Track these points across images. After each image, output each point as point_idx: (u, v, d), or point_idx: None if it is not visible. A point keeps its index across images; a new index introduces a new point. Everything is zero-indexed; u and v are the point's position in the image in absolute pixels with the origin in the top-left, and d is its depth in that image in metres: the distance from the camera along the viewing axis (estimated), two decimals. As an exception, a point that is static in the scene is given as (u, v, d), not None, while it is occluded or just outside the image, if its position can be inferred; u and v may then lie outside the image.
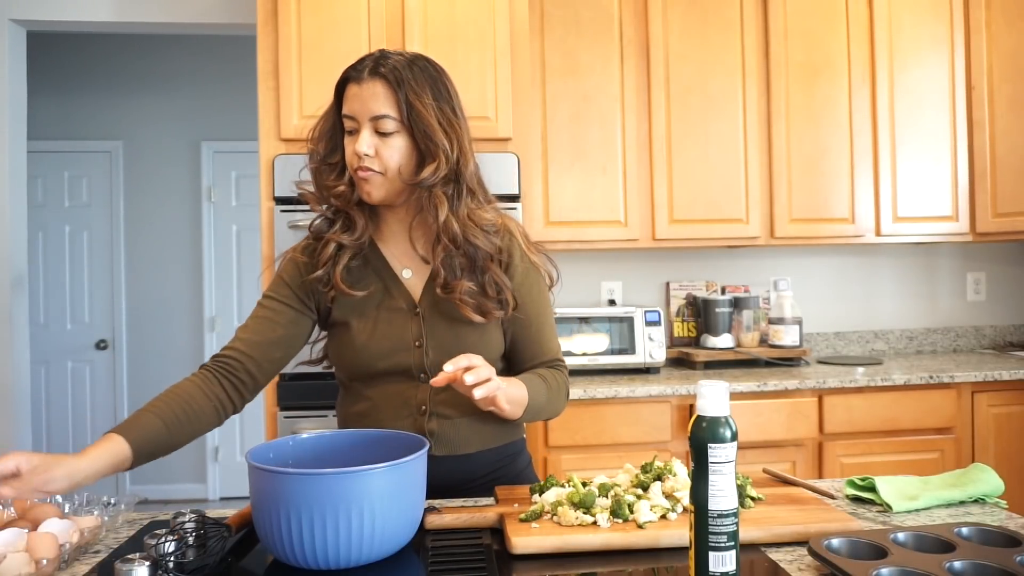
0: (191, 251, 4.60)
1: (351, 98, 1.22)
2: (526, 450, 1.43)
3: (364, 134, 1.20)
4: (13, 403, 3.07)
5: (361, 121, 1.21)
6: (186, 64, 4.59)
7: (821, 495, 1.19)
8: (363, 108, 1.20)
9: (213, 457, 4.55)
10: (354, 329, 1.27)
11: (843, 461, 2.54)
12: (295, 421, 2.27)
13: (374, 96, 1.19)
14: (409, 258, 1.31)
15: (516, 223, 1.35)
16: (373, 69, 1.20)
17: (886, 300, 3.26)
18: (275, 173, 2.33)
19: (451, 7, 2.42)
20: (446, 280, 1.24)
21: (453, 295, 1.23)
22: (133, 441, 1.09)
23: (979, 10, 2.93)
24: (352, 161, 1.22)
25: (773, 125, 2.85)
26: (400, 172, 1.22)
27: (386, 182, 1.23)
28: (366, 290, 1.28)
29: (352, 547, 0.91)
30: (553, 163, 2.74)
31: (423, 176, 1.21)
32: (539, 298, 1.34)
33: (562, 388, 1.34)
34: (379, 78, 1.20)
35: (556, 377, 1.32)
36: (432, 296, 1.27)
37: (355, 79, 1.21)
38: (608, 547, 0.98)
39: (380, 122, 1.20)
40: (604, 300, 3.08)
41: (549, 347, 1.34)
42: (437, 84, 1.24)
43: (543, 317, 1.34)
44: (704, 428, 0.80)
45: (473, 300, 1.24)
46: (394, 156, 1.21)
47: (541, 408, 1.28)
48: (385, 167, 1.21)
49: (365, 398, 1.30)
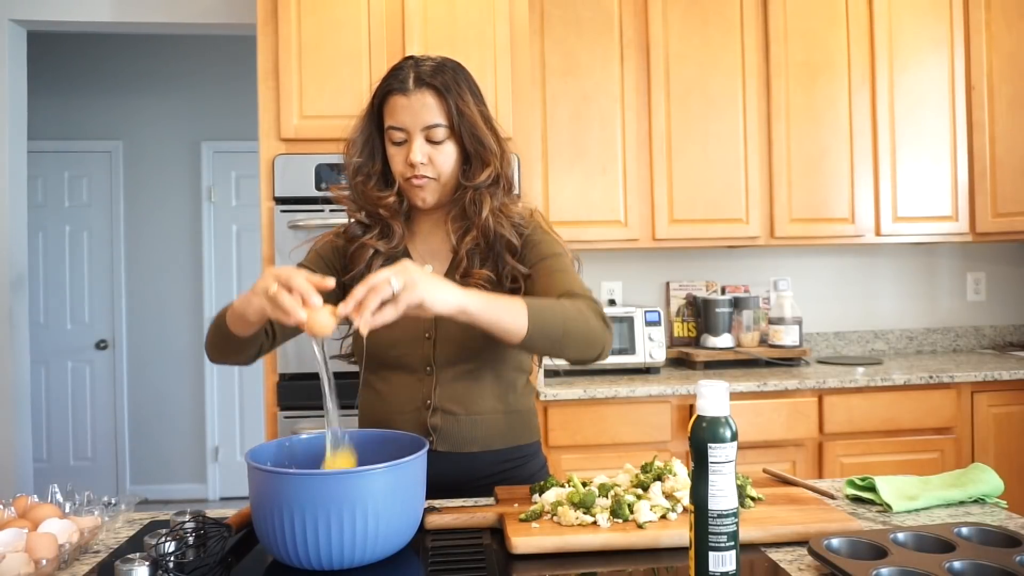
0: (191, 251, 4.60)
1: (400, 110, 1.23)
2: (542, 453, 1.41)
3: (417, 143, 1.23)
4: (13, 403, 3.07)
5: (412, 132, 1.23)
6: (186, 64, 4.59)
7: (821, 495, 1.19)
8: (414, 119, 1.22)
9: (213, 457, 4.55)
10: None
11: (843, 461, 2.54)
12: (295, 421, 2.27)
13: (425, 106, 1.22)
14: (433, 254, 1.33)
15: (540, 213, 1.39)
16: (418, 79, 1.23)
17: (886, 300, 3.26)
18: (275, 173, 2.33)
19: (451, 7, 2.42)
20: (467, 268, 1.26)
21: (471, 280, 1.25)
22: None
23: (979, 10, 2.93)
24: (404, 171, 1.25)
25: (773, 125, 2.85)
26: (452, 176, 1.26)
27: (439, 187, 1.26)
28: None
29: (352, 547, 0.91)
30: (553, 163, 2.74)
31: (480, 179, 1.25)
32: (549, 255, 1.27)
33: (587, 313, 1.15)
34: (427, 88, 1.22)
35: (575, 302, 1.16)
36: None
37: (400, 90, 1.23)
38: (608, 547, 0.98)
39: (432, 131, 1.23)
40: (604, 300, 3.08)
41: (564, 286, 1.21)
42: (472, 86, 1.28)
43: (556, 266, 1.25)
44: (704, 428, 0.80)
45: (488, 287, 1.25)
46: (447, 162, 1.25)
47: (559, 327, 1.11)
48: (439, 173, 1.25)
49: (375, 389, 1.32)
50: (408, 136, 1.24)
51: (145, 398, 4.54)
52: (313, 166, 2.33)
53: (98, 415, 4.53)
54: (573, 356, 1.18)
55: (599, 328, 1.17)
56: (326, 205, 2.28)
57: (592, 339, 1.16)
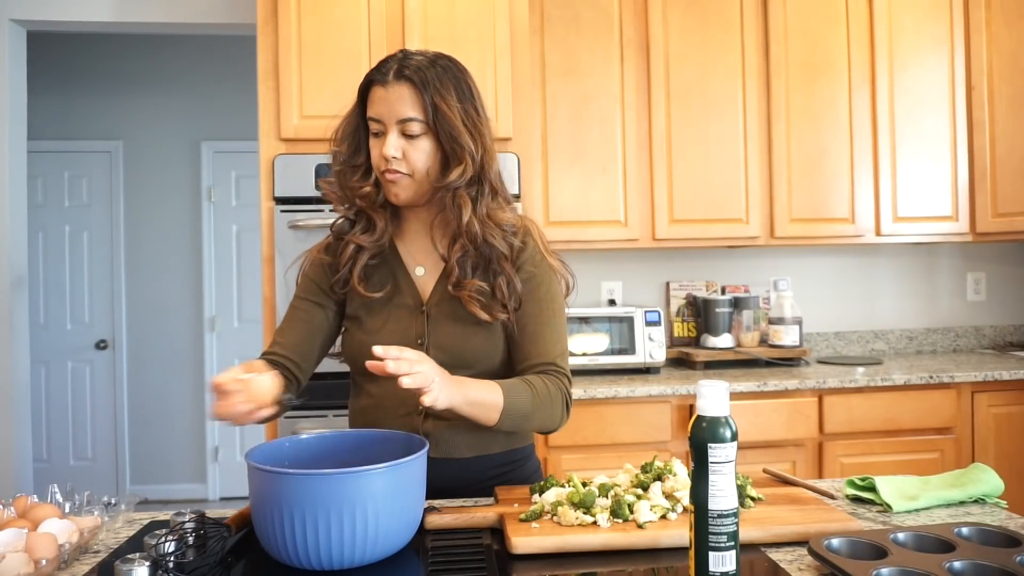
0: (191, 251, 4.60)
1: (377, 101, 1.22)
2: (535, 456, 1.41)
3: (391, 137, 1.21)
4: (13, 403, 3.07)
5: (388, 124, 1.21)
6: (186, 64, 4.59)
7: (821, 495, 1.19)
8: (389, 111, 1.20)
9: (213, 457, 4.55)
10: (364, 324, 1.29)
11: (843, 461, 2.54)
12: (295, 421, 2.27)
13: (400, 99, 1.20)
14: (424, 256, 1.32)
15: (535, 225, 1.35)
16: (398, 71, 1.21)
17: (886, 300, 3.26)
18: (275, 173, 2.33)
19: (451, 7, 2.42)
20: (459, 278, 1.24)
21: (463, 292, 1.24)
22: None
23: (979, 10, 2.93)
24: (379, 164, 1.23)
25: (773, 125, 2.85)
26: (427, 174, 1.23)
27: (413, 184, 1.24)
28: (382, 290, 1.29)
29: (352, 547, 0.91)
30: (553, 163, 2.74)
31: (451, 179, 1.21)
32: (545, 299, 1.30)
33: (555, 398, 1.25)
34: (405, 81, 1.20)
35: (547, 384, 1.24)
36: (440, 295, 1.28)
37: (380, 82, 1.22)
38: (608, 547, 0.98)
39: (407, 125, 1.20)
40: (604, 300, 3.08)
41: (544, 350, 1.27)
42: (461, 84, 1.24)
43: (544, 318, 1.29)
44: (704, 428, 0.80)
45: (482, 299, 1.24)
46: (421, 158, 1.22)
47: (525, 415, 1.21)
48: (412, 169, 1.22)
49: (368, 394, 1.31)
50: (384, 128, 1.22)
51: (145, 398, 4.54)
52: (313, 166, 2.33)
53: (98, 415, 4.53)
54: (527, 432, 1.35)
55: (558, 415, 1.27)
56: (326, 205, 2.28)
57: (547, 425, 1.27)
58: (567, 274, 1.35)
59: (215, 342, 4.57)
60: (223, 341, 4.56)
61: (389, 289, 1.29)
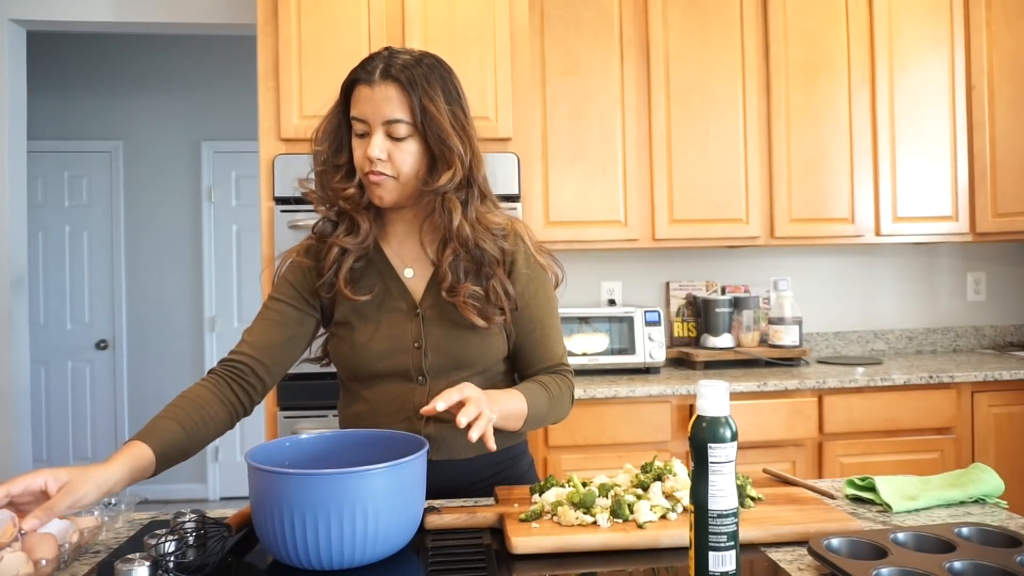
0: (191, 251, 4.60)
1: (362, 100, 1.18)
2: (528, 452, 1.42)
3: (376, 138, 1.17)
4: (13, 403, 3.07)
5: (373, 125, 1.17)
6: (186, 64, 4.59)
7: (821, 495, 1.19)
8: (375, 112, 1.16)
9: (213, 457, 4.55)
10: (355, 329, 1.26)
11: (843, 461, 2.54)
12: (295, 421, 2.27)
13: (387, 100, 1.16)
14: (412, 258, 1.29)
15: (524, 225, 1.33)
16: (384, 71, 1.16)
17: (886, 300, 3.26)
18: (275, 173, 2.33)
19: (451, 7, 2.42)
20: (452, 283, 1.22)
21: (457, 298, 1.22)
22: (156, 447, 1.07)
23: (979, 10, 2.93)
24: (363, 165, 1.19)
25: (773, 125, 2.85)
26: (413, 176, 1.20)
27: (398, 187, 1.20)
28: (370, 293, 1.26)
29: (352, 547, 0.91)
30: (553, 163, 2.74)
31: (440, 183, 1.18)
32: (545, 303, 1.31)
33: (565, 394, 1.31)
34: (392, 81, 1.16)
35: (559, 383, 1.29)
36: (434, 298, 1.26)
37: (366, 81, 1.17)
38: (608, 547, 0.98)
39: (393, 126, 1.16)
40: (604, 300, 3.08)
41: (553, 352, 1.32)
42: (448, 85, 1.20)
43: (548, 321, 1.31)
44: (704, 428, 0.80)
45: (477, 303, 1.23)
46: (407, 160, 1.18)
47: (543, 417, 1.25)
48: (398, 171, 1.19)
49: (363, 399, 1.29)
50: (369, 129, 1.18)
51: (145, 398, 4.53)
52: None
53: (98, 415, 4.53)
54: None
55: (567, 409, 1.33)
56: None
57: (558, 419, 1.32)
58: (556, 269, 1.35)
59: (215, 342, 4.57)
60: (223, 341, 4.56)
61: (378, 292, 1.27)
